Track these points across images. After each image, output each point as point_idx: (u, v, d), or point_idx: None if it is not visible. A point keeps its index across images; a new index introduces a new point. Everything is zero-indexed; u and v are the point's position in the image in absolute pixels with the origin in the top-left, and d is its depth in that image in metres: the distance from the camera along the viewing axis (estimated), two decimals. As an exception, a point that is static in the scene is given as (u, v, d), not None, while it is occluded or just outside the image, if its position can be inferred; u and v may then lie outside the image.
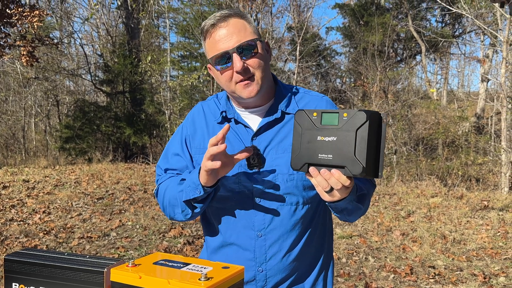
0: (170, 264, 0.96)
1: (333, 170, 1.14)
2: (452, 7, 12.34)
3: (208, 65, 1.47)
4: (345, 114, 1.13)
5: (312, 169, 1.17)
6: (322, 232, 1.53)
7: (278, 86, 1.51)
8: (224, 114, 1.49)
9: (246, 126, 1.46)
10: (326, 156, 1.14)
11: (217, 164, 1.23)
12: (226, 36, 1.36)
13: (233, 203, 1.43)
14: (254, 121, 1.47)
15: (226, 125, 1.27)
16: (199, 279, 0.86)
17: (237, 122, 1.47)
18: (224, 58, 1.36)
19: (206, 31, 1.40)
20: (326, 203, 1.29)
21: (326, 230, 1.55)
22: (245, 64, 1.36)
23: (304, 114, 1.20)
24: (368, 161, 1.11)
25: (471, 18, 11.91)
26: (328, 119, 1.16)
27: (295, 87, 1.57)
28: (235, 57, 1.34)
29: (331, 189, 1.17)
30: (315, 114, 1.18)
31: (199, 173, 1.31)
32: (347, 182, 1.14)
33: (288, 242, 1.44)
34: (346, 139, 1.12)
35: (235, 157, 1.31)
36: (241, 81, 1.37)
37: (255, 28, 1.42)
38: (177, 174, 1.51)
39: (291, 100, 1.50)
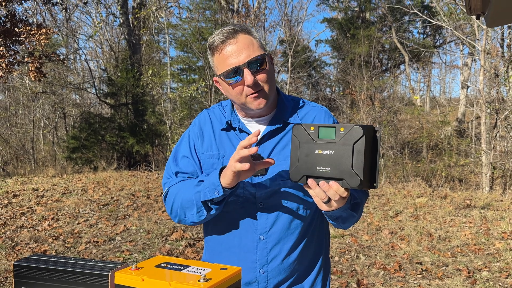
0: (171, 266, 0.95)
1: (331, 182, 1.14)
2: (433, 20, 12.43)
3: (215, 78, 1.46)
4: (341, 129, 1.12)
5: (310, 181, 1.16)
6: (320, 235, 1.53)
7: (280, 97, 1.51)
8: (229, 122, 1.49)
9: (250, 134, 1.46)
10: (324, 168, 1.13)
11: (246, 166, 1.20)
12: (236, 51, 1.35)
13: (237, 207, 1.42)
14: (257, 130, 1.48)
15: (257, 131, 1.25)
16: (199, 281, 0.86)
17: (241, 130, 1.47)
18: (235, 73, 1.35)
19: (216, 47, 1.38)
20: (322, 212, 1.29)
21: (323, 232, 1.55)
22: (255, 78, 1.35)
23: (301, 128, 1.18)
24: (365, 173, 1.10)
25: (451, 30, 12.00)
26: (325, 133, 1.15)
27: (296, 98, 1.56)
28: (246, 72, 1.34)
29: (329, 199, 1.17)
30: (312, 128, 1.17)
31: (219, 174, 1.30)
32: (344, 194, 1.15)
33: (288, 245, 1.43)
34: (343, 153, 1.11)
35: (257, 164, 1.29)
36: (251, 94, 1.37)
37: (261, 43, 1.42)
38: (188, 177, 1.48)
39: (292, 110, 1.50)
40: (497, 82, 10.52)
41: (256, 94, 1.37)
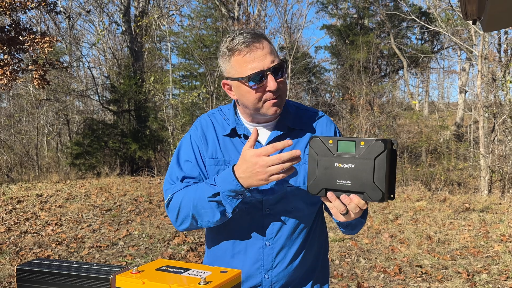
0: (171, 269, 0.95)
1: (352, 196, 1.13)
2: (430, 26, 12.47)
3: (226, 81, 1.41)
4: (362, 143, 1.12)
5: (330, 194, 1.16)
6: (320, 237, 1.53)
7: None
8: (234, 128, 1.46)
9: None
10: (345, 182, 1.13)
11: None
12: (261, 56, 1.32)
13: (244, 214, 1.40)
14: (262, 135, 1.46)
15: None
16: (199, 283, 0.86)
17: (246, 137, 1.45)
18: (259, 77, 1.32)
19: (238, 49, 1.33)
20: (335, 221, 1.29)
21: (323, 236, 1.55)
22: (278, 84, 1.35)
23: (319, 141, 1.17)
24: (386, 187, 1.11)
25: (448, 35, 12.02)
26: (345, 147, 1.14)
27: (298, 104, 1.56)
28: (270, 77, 1.32)
29: (347, 211, 1.17)
30: (330, 141, 1.16)
31: (238, 181, 1.25)
32: (364, 206, 1.15)
33: (293, 250, 1.43)
34: (364, 167, 1.10)
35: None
36: (271, 99, 1.35)
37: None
38: (194, 183, 1.43)
39: (295, 117, 1.49)
40: (494, 87, 10.52)
41: (275, 100, 1.36)
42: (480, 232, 6.01)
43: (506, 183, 9.85)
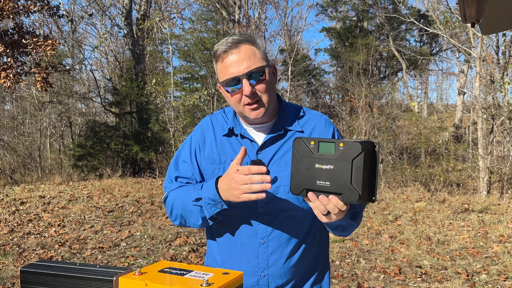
0: (174, 271, 0.95)
1: (331, 197, 1.14)
2: (429, 28, 12.48)
3: (218, 84, 1.48)
4: (341, 144, 1.12)
5: (310, 195, 1.16)
6: (319, 239, 1.52)
7: (281, 104, 1.51)
8: (231, 128, 1.49)
9: (252, 140, 1.47)
10: (324, 183, 1.13)
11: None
12: (237, 62, 1.36)
13: (238, 212, 1.41)
14: (259, 136, 1.48)
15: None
16: (201, 285, 0.86)
17: (243, 137, 1.47)
18: (234, 82, 1.36)
19: (218, 56, 1.40)
20: (322, 222, 1.29)
21: (323, 237, 1.54)
22: (254, 89, 1.36)
23: (301, 142, 1.18)
24: (364, 188, 1.10)
25: (447, 37, 12.02)
26: (325, 148, 1.14)
27: (297, 106, 1.57)
28: (244, 82, 1.35)
29: (328, 212, 1.17)
30: (312, 142, 1.16)
31: (216, 188, 1.31)
32: (343, 207, 1.14)
33: (288, 249, 1.43)
34: (342, 168, 1.11)
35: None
36: (249, 104, 1.38)
37: (264, 53, 1.42)
38: (186, 183, 1.50)
39: (293, 118, 1.50)
40: (492, 88, 10.53)
41: (255, 105, 1.38)
42: (479, 232, 6.00)
43: (504, 184, 9.84)
